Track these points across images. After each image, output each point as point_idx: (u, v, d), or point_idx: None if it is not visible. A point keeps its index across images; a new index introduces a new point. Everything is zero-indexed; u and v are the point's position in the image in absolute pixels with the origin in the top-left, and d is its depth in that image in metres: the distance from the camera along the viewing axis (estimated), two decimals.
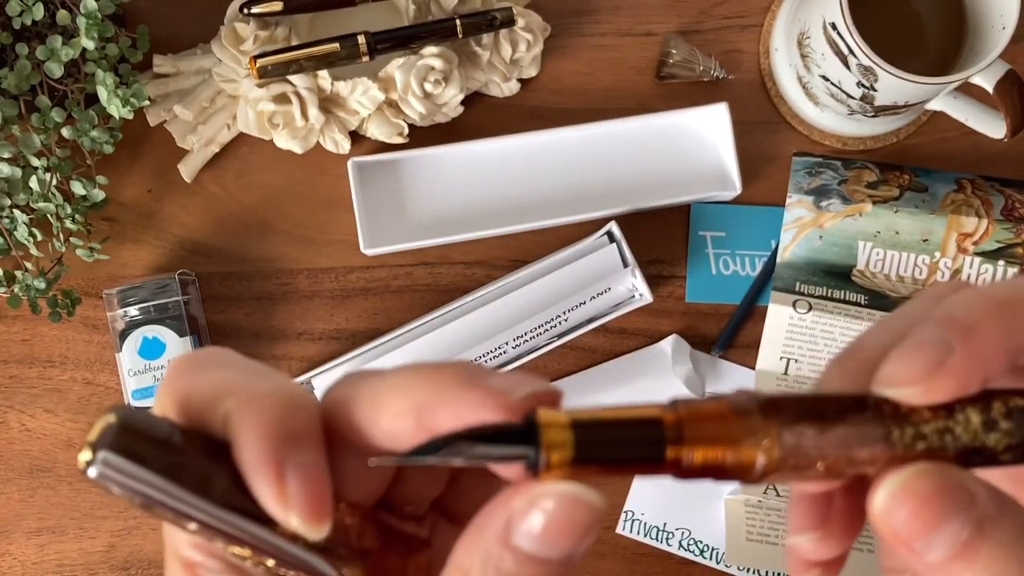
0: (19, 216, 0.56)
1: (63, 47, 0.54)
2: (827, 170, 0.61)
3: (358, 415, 0.20)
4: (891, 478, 0.18)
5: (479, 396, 0.19)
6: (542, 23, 0.61)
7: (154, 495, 0.18)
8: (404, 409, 0.20)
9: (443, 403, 0.19)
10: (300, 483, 0.19)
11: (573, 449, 0.18)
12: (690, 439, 0.18)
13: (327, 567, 0.20)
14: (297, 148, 0.60)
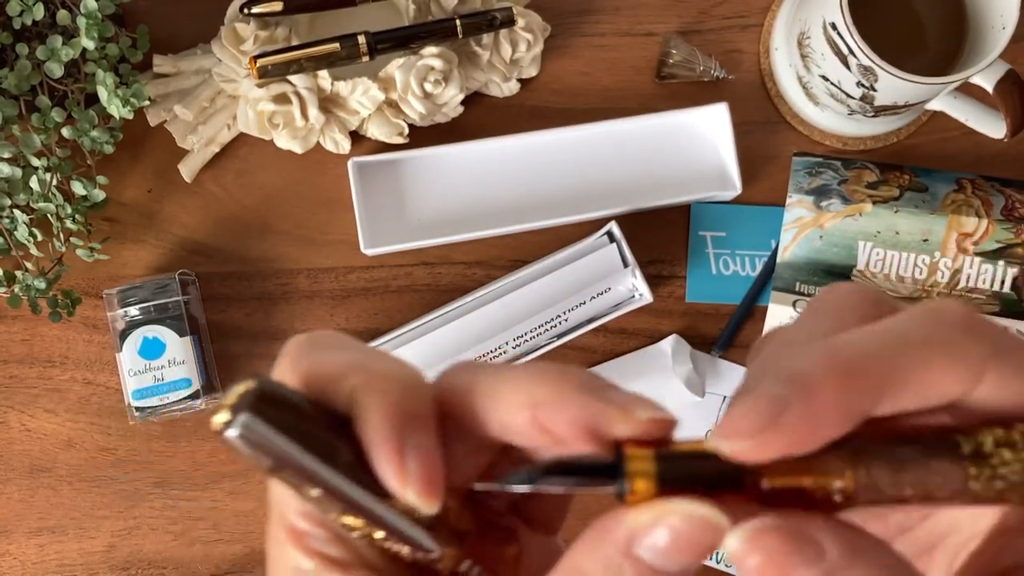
0: (19, 216, 0.56)
1: (63, 47, 0.54)
2: (827, 170, 0.61)
3: (475, 403, 0.21)
4: (740, 528, 0.18)
5: (599, 406, 0.20)
6: (542, 23, 0.61)
7: (287, 459, 0.19)
8: (522, 404, 0.21)
9: (563, 405, 0.20)
10: (419, 462, 0.20)
11: (656, 481, 0.19)
12: (768, 472, 0.19)
13: (431, 543, 0.21)
14: (297, 148, 0.60)
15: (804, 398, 0.18)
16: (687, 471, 0.19)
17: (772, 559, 0.18)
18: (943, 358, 0.19)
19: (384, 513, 0.20)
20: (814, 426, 0.18)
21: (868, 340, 0.19)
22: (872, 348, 0.19)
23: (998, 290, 0.61)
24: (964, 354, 0.19)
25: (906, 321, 0.20)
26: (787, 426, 0.18)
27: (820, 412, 0.18)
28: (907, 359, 0.19)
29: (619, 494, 0.20)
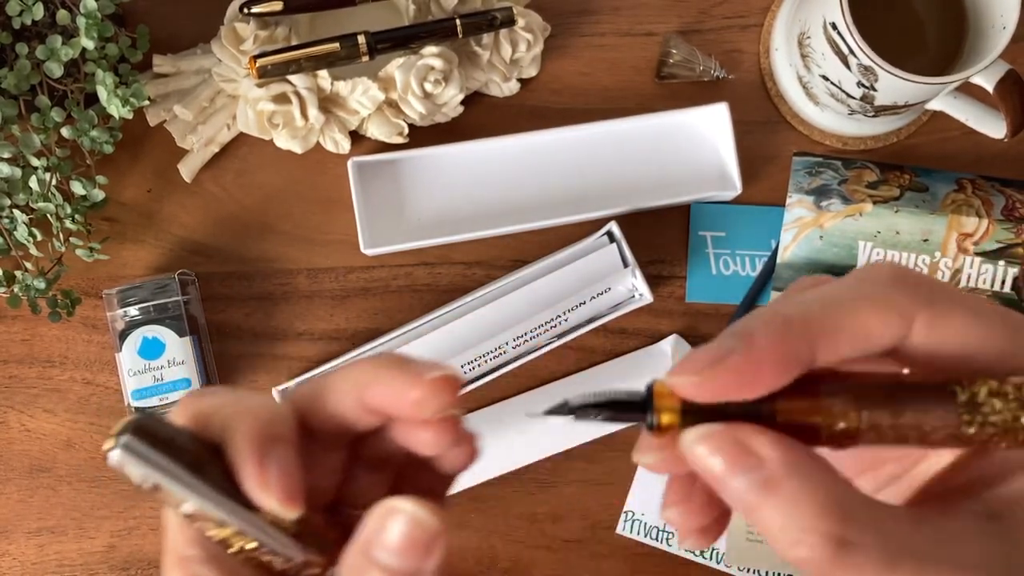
0: (19, 216, 0.56)
1: (63, 47, 0.54)
2: (827, 170, 0.61)
3: (317, 403, 0.25)
4: (694, 429, 0.22)
5: (401, 376, 0.24)
6: (542, 23, 0.61)
7: (163, 473, 0.23)
8: (349, 391, 0.25)
9: (377, 383, 0.24)
10: (278, 473, 0.23)
11: (680, 415, 0.22)
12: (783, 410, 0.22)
13: (297, 549, 0.24)
14: (297, 148, 0.60)
15: (744, 345, 0.21)
16: (707, 408, 0.22)
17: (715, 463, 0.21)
18: (871, 308, 0.22)
19: (252, 522, 0.23)
20: (753, 369, 0.21)
21: (806, 299, 0.23)
22: (807, 305, 0.22)
23: (998, 290, 0.61)
24: (891, 303, 0.22)
25: (841, 281, 0.23)
26: (728, 368, 0.21)
27: (758, 357, 0.21)
28: (839, 312, 0.22)
29: (649, 425, 0.22)
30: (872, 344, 0.22)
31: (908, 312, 0.22)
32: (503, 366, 0.59)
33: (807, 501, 0.20)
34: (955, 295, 0.23)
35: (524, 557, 0.63)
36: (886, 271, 0.23)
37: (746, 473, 0.21)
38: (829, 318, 0.22)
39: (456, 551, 0.63)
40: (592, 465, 0.62)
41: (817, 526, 0.20)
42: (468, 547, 0.63)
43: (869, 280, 0.23)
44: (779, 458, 0.21)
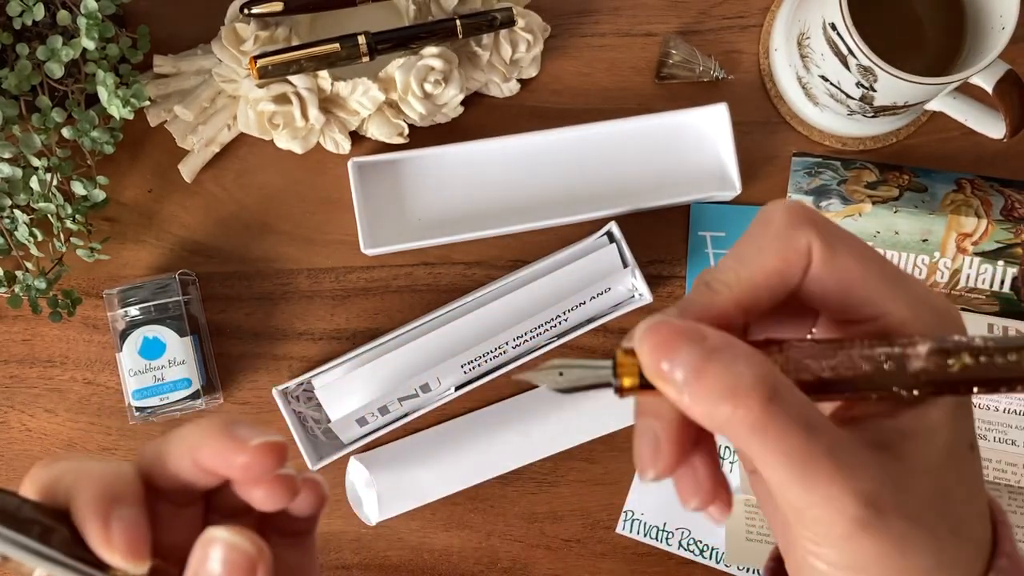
0: (20, 216, 0.56)
1: (63, 47, 0.55)
2: (827, 170, 0.61)
3: (156, 465, 0.27)
4: (642, 322, 0.25)
5: (226, 442, 0.26)
6: (542, 23, 0.61)
7: (7, 548, 0.24)
8: (183, 454, 0.27)
9: (205, 447, 0.26)
10: (121, 530, 0.25)
11: (639, 377, 0.25)
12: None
13: None
14: (297, 148, 0.60)
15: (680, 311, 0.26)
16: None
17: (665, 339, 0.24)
18: (774, 255, 0.25)
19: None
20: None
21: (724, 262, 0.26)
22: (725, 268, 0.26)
23: (998, 290, 0.61)
24: (790, 244, 0.25)
25: (746, 234, 0.26)
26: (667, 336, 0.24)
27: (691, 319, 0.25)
28: (749, 268, 0.26)
29: (615, 388, 0.26)
30: (785, 283, 0.25)
31: (805, 248, 0.25)
32: (503, 366, 0.59)
33: (746, 359, 0.23)
34: (843, 233, 0.26)
35: (524, 557, 0.63)
36: (780, 214, 0.26)
37: (695, 344, 0.24)
38: (744, 273, 0.25)
39: (456, 551, 0.63)
40: (592, 465, 0.63)
41: (757, 372, 0.23)
42: (468, 547, 0.63)
43: (768, 225, 0.26)
44: (718, 334, 0.24)
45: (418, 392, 0.60)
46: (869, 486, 0.24)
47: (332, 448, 0.61)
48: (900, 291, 0.26)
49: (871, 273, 0.26)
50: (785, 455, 0.23)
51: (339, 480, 0.62)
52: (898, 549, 0.24)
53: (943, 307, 0.26)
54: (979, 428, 0.61)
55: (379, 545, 0.63)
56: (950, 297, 0.61)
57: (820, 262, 0.25)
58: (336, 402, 0.60)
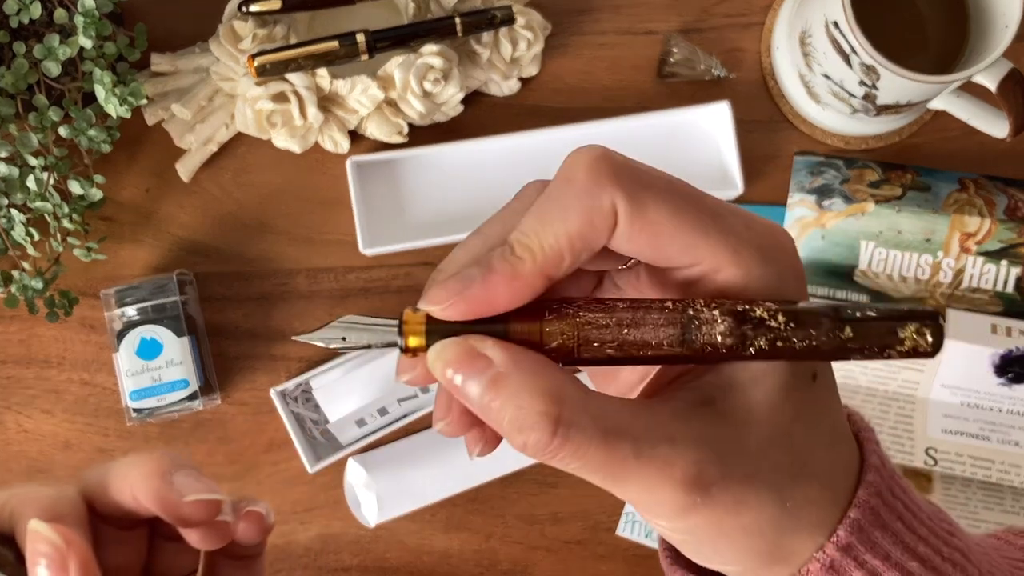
0: (16, 216, 0.56)
1: (61, 46, 0.54)
2: (829, 169, 0.61)
3: (99, 492, 0.28)
4: (435, 346, 0.24)
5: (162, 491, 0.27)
6: (542, 21, 0.60)
7: None
8: (123, 487, 0.27)
9: (142, 488, 0.27)
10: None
11: (425, 338, 0.25)
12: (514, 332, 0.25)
13: None
14: (296, 147, 0.59)
15: (481, 277, 0.24)
16: (448, 330, 0.24)
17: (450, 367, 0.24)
18: (576, 217, 0.24)
19: None
20: (489, 298, 0.24)
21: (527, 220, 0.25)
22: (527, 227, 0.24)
23: (1001, 290, 0.61)
24: (593, 206, 0.24)
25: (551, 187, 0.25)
26: (468, 299, 0.24)
27: (493, 289, 0.24)
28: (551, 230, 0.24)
29: (401, 348, 0.25)
30: (591, 245, 0.24)
31: (609, 209, 0.24)
32: None
33: (529, 390, 0.23)
34: (652, 182, 0.25)
35: (524, 558, 0.62)
36: (582, 171, 0.24)
37: (478, 375, 0.23)
38: (546, 238, 0.24)
39: (456, 553, 0.63)
40: None
41: (539, 408, 0.23)
42: (468, 548, 0.62)
43: (571, 182, 0.24)
44: (504, 357, 0.24)
45: (417, 393, 0.59)
46: (688, 469, 0.24)
47: (330, 449, 0.61)
48: (716, 236, 0.24)
49: (684, 222, 0.24)
50: (590, 471, 0.23)
51: (337, 481, 0.62)
52: (732, 512, 0.24)
53: (769, 245, 0.25)
54: (982, 429, 0.61)
55: (378, 547, 0.63)
56: (953, 298, 0.61)
57: (627, 221, 0.24)
58: (334, 403, 0.60)
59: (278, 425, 0.61)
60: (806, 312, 0.24)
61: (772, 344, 0.24)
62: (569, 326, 0.24)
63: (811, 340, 0.24)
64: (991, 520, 0.60)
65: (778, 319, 0.24)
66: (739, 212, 0.25)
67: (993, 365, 0.59)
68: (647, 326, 0.24)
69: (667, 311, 0.24)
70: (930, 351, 0.24)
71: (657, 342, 0.24)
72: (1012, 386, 0.60)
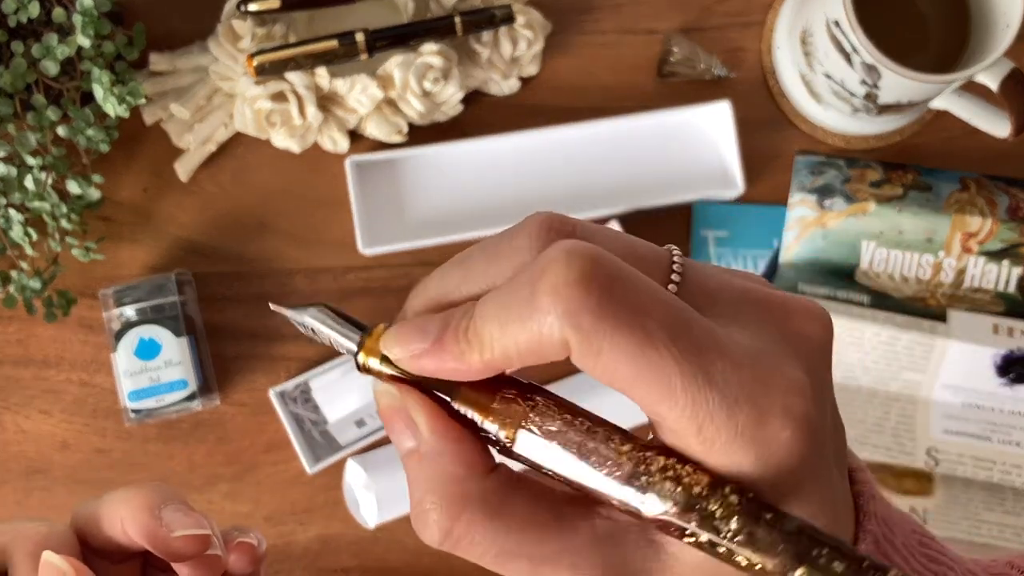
0: (14, 215, 0.56)
1: (59, 45, 0.54)
2: (830, 169, 0.61)
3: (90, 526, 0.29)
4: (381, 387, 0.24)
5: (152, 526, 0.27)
6: (543, 20, 0.60)
7: None
8: (114, 521, 0.28)
9: (132, 522, 0.28)
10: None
11: (380, 361, 0.24)
12: (462, 397, 0.23)
13: None
14: (295, 147, 0.59)
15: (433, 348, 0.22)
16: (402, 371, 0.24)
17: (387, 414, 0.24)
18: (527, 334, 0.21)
19: None
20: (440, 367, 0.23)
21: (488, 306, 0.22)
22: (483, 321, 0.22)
23: (1003, 290, 0.61)
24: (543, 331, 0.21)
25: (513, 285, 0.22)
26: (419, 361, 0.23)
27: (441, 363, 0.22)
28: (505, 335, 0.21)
29: (357, 364, 0.25)
30: (542, 360, 0.22)
31: (559, 341, 0.21)
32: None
33: (434, 489, 0.23)
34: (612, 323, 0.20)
35: None
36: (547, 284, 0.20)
37: (403, 436, 0.23)
38: (498, 340, 0.21)
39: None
40: None
41: (434, 517, 0.22)
42: None
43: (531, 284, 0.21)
44: (429, 439, 0.23)
45: None
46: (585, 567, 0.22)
47: (330, 450, 0.61)
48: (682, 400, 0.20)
49: (645, 380, 0.20)
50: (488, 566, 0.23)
51: (337, 482, 0.62)
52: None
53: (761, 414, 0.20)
54: (983, 430, 0.60)
55: (377, 548, 0.63)
56: (954, 298, 0.61)
57: (579, 359, 0.21)
58: (334, 403, 0.60)
59: (277, 426, 0.61)
60: (764, 534, 0.20)
61: (711, 547, 0.21)
62: (512, 420, 0.23)
63: (756, 562, 0.20)
64: (992, 521, 0.60)
65: (729, 525, 0.20)
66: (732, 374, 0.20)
67: (995, 365, 0.59)
68: (592, 459, 0.22)
69: (623, 454, 0.21)
70: None
71: (595, 485, 0.22)
72: (1014, 386, 0.60)
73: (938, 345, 0.59)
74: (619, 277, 0.21)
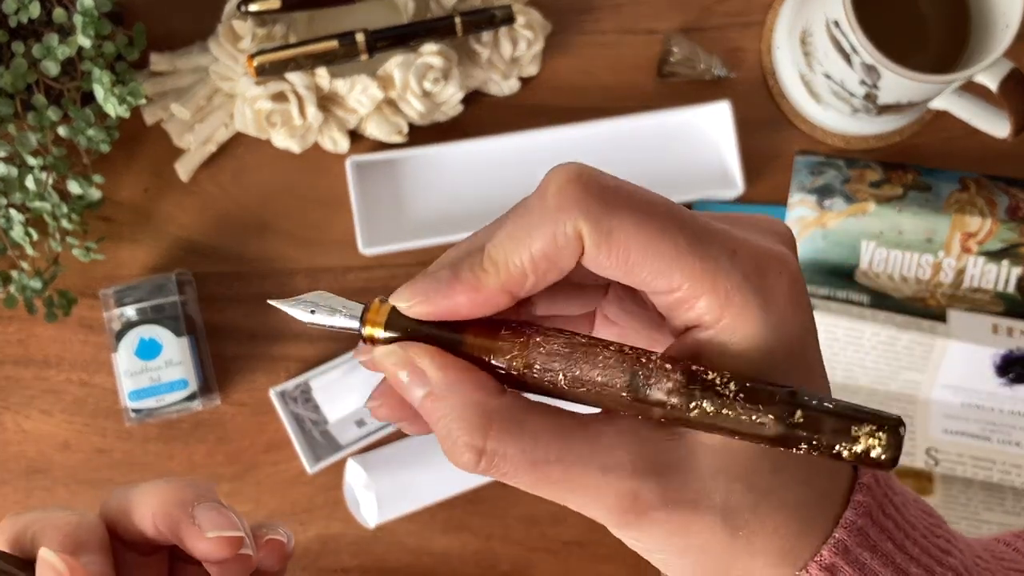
0: (15, 215, 0.56)
1: (59, 45, 0.54)
2: (830, 169, 0.61)
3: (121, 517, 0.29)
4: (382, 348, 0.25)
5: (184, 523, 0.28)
6: (543, 21, 0.60)
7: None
8: (145, 514, 0.28)
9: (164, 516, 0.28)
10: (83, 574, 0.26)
11: (383, 330, 0.25)
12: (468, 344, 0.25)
13: None
14: (295, 147, 0.59)
15: (447, 284, 0.24)
16: (408, 326, 0.25)
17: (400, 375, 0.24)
18: (543, 239, 0.23)
19: None
20: (453, 306, 0.24)
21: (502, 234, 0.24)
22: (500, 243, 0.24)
23: (1002, 290, 0.61)
24: (557, 230, 0.23)
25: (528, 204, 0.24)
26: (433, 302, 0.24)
27: (457, 297, 0.24)
28: (521, 248, 0.24)
29: (360, 336, 0.26)
30: (557, 268, 0.24)
31: (574, 235, 0.23)
32: None
33: (457, 417, 0.23)
34: (621, 208, 0.24)
35: (524, 559, 0.62)
36: (552, 191, 0.24)
37: (419, 387, 0.24)
38: (511, 256, 0.24)
39: (455, 554, 0.63)
40: None
41: (464, 439, 0.23)
42: (468, 550, 0.62)
43: (543, 199, 0.24)
44: (439, 377, 0.24)
45: None
46: (621, 498, 0.23)
47: (330, 449, 0.61)
48: (693, 263, 0.23)
49: (655, 247, 0.23)
50: (525, 487, 0.24)
51: (337, 482, 0.62)
52: (679, 534, 0.24)
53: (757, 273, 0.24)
54: (983, 430, 0.60)
55: (377, 548, 0.63)
56: (954, 298, 0.61)
57: (592, 246, 0.23)
58: (334, 403, 0.60)
59: (277, 425, 0.61)
60: (760, 389, 0.23)
61: (717, 412, 0.23)
62: (521, 348, 0.24)
63: (758, 418, 0.22)
64: (992, 521, 0.60)
65: (729, 388, 0.23)
66: (727, 236, 0.24)
67: (994, 365, 0.59)
68: (597, 365, 0.24)
69: (622, 354, 0.24)
70: (884, 463, 0.22)
71: (604, 382, 0.24)
72: (1013, 386, 0.60)
73: (938, 345, 0.59)
74: (614, 178, 0.25)
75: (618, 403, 0.24)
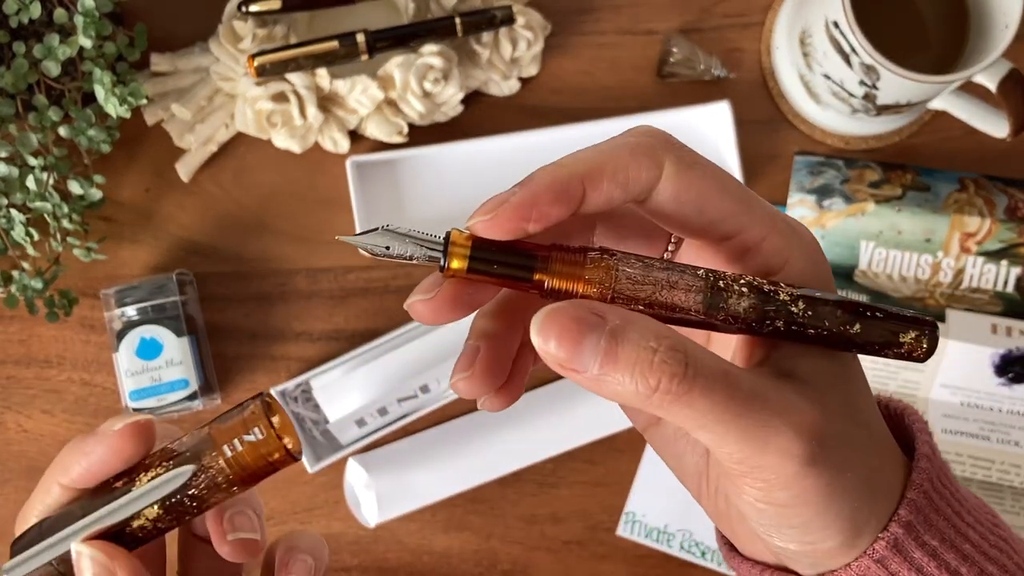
0: (16, 215, 0.56)
1: (60, 46, 0.54)
2: (829, 169, 0.61)
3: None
4: (535, 317, 0.23)
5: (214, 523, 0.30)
6: (542, 21, 0.60)
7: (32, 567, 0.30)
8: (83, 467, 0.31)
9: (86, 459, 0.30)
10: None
11: (468, 261, 0.26)
12: (554, 271, 0.25)
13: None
14: (295, 147, 0.59)
15: (523, 186, 0.25)
16: (492, 259, 0.26)
17: (564, 331, 0.23)
18: (629, 154, 0.25)
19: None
20: (531, 203, 0.24)
21: (582, 150, 0.26)
22: (580, 152, 0.25)
23: (1001, 290, 0.61)
24: (645, 150, 0.25)
25: (613, 137, 0.26)
26: (512, 205, 0.25)
27: (535, 194, 0.24)
28: (602, 156, 0.25)
29: (440, 267, 0.26)
30: (632, 183, 0.25)
31: (659, 159, 0.25)
32: None
33: (654, 331, 0.23)
34: (698, 158, 0.26)
35: (524, 559, 0.62)
36: (648, 129, 0.26)
37: (595, 330, 0.23)
38: (595, 160, 0.25)
39: (456, 553, 0.63)
40: (592, 466, 0.62)
41: (668, 344, 0.23)
42: (468, 549, 0.62)
43: (634, 134, 0.26)
44: (615, 311, 0.23)
45: (417, 393, 0.59)
46: (806, 419, 0.24)
47: (330, 449, 0.61)
48: (754, 210, 0.26)
49: (725, 192, 0.26)
50: (715, 415, 0.23)
51: (337, 482, 0.62)
52: (839, 471, 0.24)
53: (795, 224, 0.27)
54: (982, 429, 0.61)
55: (378, 547, 0.63)
56: (953, 297, 0.61)
57: (674, 176, 0.25)
58: (334, 403, 0.60)
59: None
60: (823, 301, 0.25)
61: (787, 326, 0.25)
62: (608, 275, 0.25)
63: (821, 329, 0.25)
64: None
65: (798, 304, 0.25)
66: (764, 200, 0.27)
67: (993, 365, 0.59)
68: (678, 289, 0.25)
69: (699, 278, 0.25)
70: (922, 357, 0.26)
71: (684, 306, 0.25)
72: (1012, 386, 0.60)
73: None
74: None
75: (693, 323, 0.25)
